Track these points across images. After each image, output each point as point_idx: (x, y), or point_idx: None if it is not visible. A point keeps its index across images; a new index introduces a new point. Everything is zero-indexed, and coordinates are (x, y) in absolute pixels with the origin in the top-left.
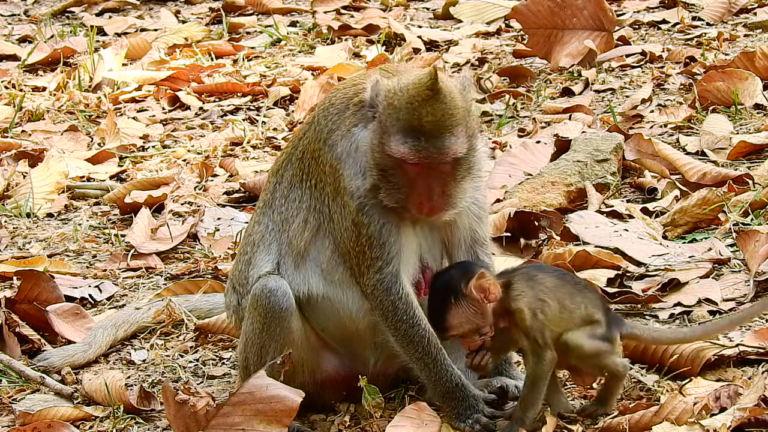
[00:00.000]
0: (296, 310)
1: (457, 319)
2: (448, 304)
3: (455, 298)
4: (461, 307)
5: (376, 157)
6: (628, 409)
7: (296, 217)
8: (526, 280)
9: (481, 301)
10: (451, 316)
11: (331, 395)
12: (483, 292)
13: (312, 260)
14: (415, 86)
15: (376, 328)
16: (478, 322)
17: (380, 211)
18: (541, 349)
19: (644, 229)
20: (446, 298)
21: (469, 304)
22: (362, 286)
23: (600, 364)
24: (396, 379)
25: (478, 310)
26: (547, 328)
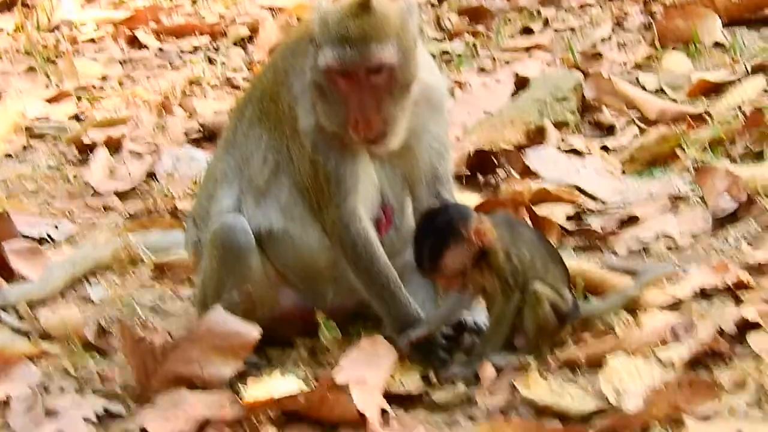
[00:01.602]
0: (255, 247)
1: (451, 261)
2: (446, 245)
3: (454, 240)
4: (457, 250)
5: (314, 79)
6: (584, 340)
7: (256, 156)
8: (506, 227)
9: (476, 244)
10: (446, 258)
11: (289, 330)
12: (480, 236)
13: (272, 197)
14: (348, 2)
15: (336, 264)
16: (466, 265)
17: (336, 148)
18: (511, 291)
19: (603, 166)
20: (444, 239)
21: (465, 247)
22: (322, 222)
23: (541, 334)
24: (354, 314)
25: (470, 253)
26: (518, 272)
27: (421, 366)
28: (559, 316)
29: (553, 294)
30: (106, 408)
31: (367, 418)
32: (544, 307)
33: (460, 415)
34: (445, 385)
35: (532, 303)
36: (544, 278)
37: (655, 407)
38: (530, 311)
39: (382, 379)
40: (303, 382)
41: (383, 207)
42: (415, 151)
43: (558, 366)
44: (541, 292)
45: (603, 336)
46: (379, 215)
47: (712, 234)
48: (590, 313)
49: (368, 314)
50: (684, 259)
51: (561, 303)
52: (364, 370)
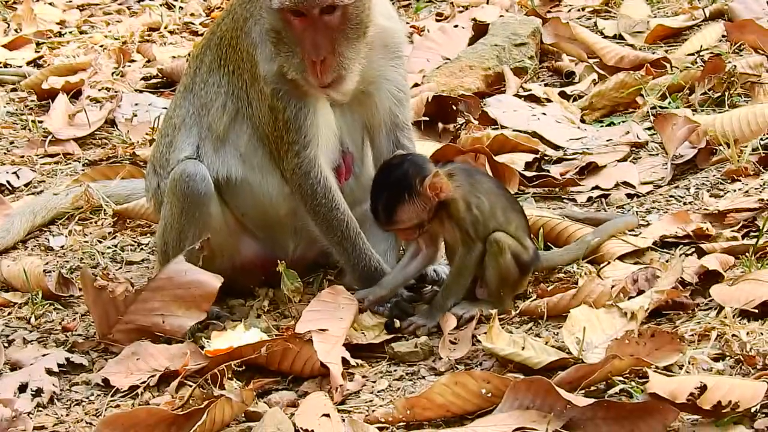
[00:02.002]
0: (215, 195)
1: (407, 215)
2: (400, 199)
3: (408, 194)
4: (413, 204)
5: (270, 23)
6: (546, 292)
7: (215, 102)
8: (465, 176)
9: (432, 198)
10: (401, 212)
11: (251, 280)
12: (435, 190)
13: (231, 144)
14: None
15: (296, 213)
16: (423, 217)
17: (295, 95)
18: (472, 242)
19: (562, 113)
20: (398, 193)
21: (420, 201)
22: (282, 170)
23: (502, 285)
24: (315, 264)
25: (426, 207)
26: (479, 222)
27: (383, 317)
28: (521, 266)
29: (515, 244)
30: (68, 359)
31: (330, 369)
32: (506, 257)
33: (422, 366)
34: (406, 336)
35: (493, 253)
36: (505, 228)
37: (617, 359)
38: (492, 261)
39: (344, 331)
40: (265, 333)
41: (343, 155)
42: (374, 98)
43: (520, 317)
44: (502, 241)
45: (565, 287)
46: (338, 163)
47: (671, 182)
48: (551, 264)
49: (330, 264)
50: (644, 208)
51: (522, 253)
52: (326, 322)
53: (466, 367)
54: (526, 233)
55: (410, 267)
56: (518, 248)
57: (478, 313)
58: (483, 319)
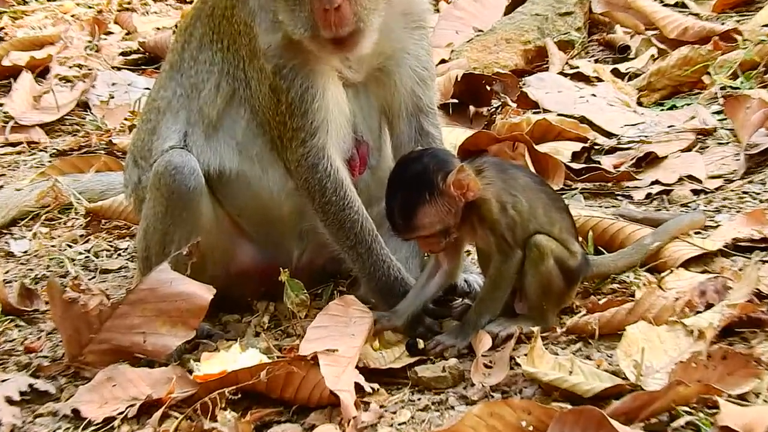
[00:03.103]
0: (206, 190)
1: (428, 219)
2: (420, 200)
3: (430, 194)
4: (435, 206)
5: None
6: (597, 305)
7: (207, 82)
8: (497, 171)
9: (458, 198)
10: (421, 215)
11: (248, 292)
12: (461, 189)
13: (226, 131)
14: None
15: (302, 212)
16: (449, 222)
17: (301, 72)
18: (509, 248)
19: (615, 95)
20: (417, 193)
21: (444, 202)
22: (285, 161)
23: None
24: (324, 273)
25: (451, 209)
26: (517, 225)
27: (405, 336)
28: (567, 274)
29: (559, 248)
30: (32, 385)
31: (341, 397)
32: (549, 264)
33: (451, 394)
34: (432, 358)
35: (533, 259)
36: (548, 230)
37: (682, 386)
38: (532, 269)
39: (356, 350)
40: (265, 354)
41: (356, 144)
42: (394, 77)
43: (567, 336)
44: (544, 246)
45: (619, 300)
46: (352, 154)
47: (745, 176)
48: (603, 272)
49: (342, 273)
50: (713, 206)
51: (568, 259)
52: (335, 340)
53: (503, 395)
54: (572, 236)
55: (428, 287)
56: (563, 253)
57: (516, 331)
58: (523, 338)
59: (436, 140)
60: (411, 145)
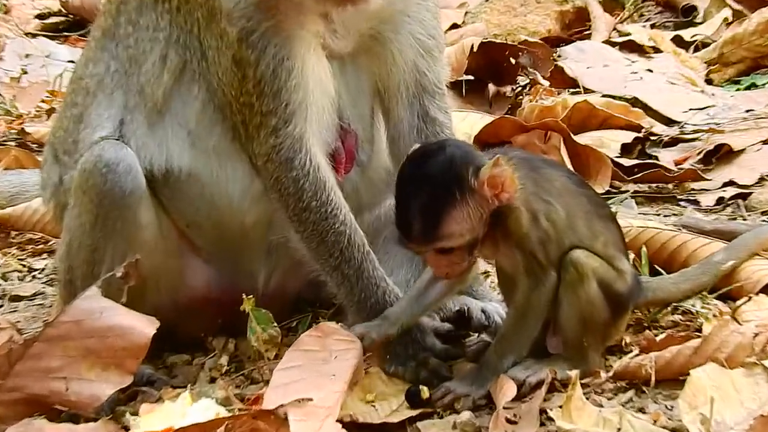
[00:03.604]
0: (148, 194)
1: (458, 225)
2: (449, 200)
3: (461, 192)
4: (466, 208)
5: None
6: (653, 342)
7: (150, 53)
8: (527, 169)
9: (491, 201)
10: (450, 220)
11: (201, 325)
12: (495, 188)
13: (174, 117)
14: None
15: (271, 222)
16: (478, 233)
17: (275, 38)
18: (541, 269)
19: (677, 70)
20: (445, 191)
21: (476, 204)
22: (251, 156)
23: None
24: (299, 300)
25: (483, 214)
26: (551, 240)
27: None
28: (614, 301)
29: (604, 268)
30: None
31: None
32: (590, 288)
33: None
34: (440, 411)
35: (571, 282)
36: (589, 244)
37: None
38: (569, 295)
39: (338, 398)
40: (223, 406)
41: (342, 134)
42: (391, 47)
43: (614, 382)
44: (585, 265)
45: (682, 336)
46: (336, 147)
47: None
48: (661, 298)
49: (322, 301)
50: None
51: (616, 281)
52: (310, 385)
53: None
54: (621, 252)
55: (429, 294)
56: (609, 274)
57: (549, 376)
58: (557, 385)
59: (446, 129)
60: (413, 135)
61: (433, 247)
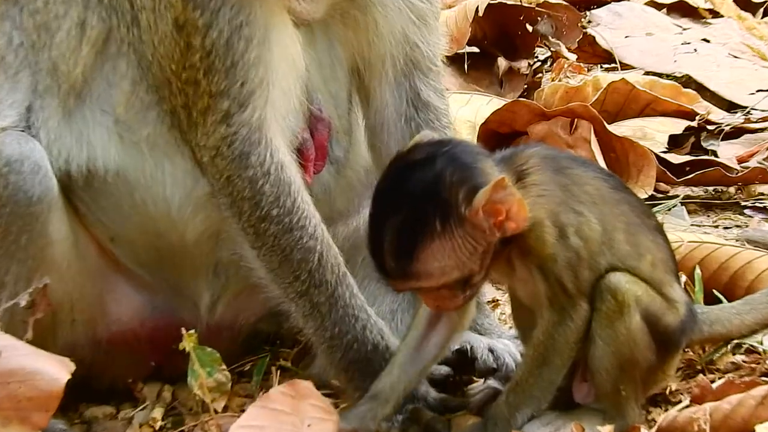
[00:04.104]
0: (61, 202)
1: (440, 262)
2: (428, 232)
3: (443, 223)
4: (451, 241)
5: None
6: (709, 391)
7: (65, 19)
8: (551, 171)
9: (489, 231)
10: (428, 256)
11: (128, 368)
12: (497, 216)
13: (97, 102)
14: None
15: (219, 234)
16: (472, 267)
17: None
18: (568, 300)
19: (742, 39)
20: (424, 220)
21: (466, 237)
22: (194, 149)
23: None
24: (255, 335)
25: (478, 247)
26: (583, 261)
27: None
28: (662, 339)
29: (650, 296)
30: None
31: None
32: (633, 324)
33: None
34: None
35: (608, 316)
36: (632, 266)
37: None
38: (606, 332)
39: None
40: None
41: (312, 122)
42: (373, 12)
43: None
44: (626, 292)
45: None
46: (304, 139)
47: None
48: (721, 334)
49: (284, 337)
50: None
51: (665, 314)
52: None
53: None
54: (672, 275)
55: (426, 350)
56: (657, 304)
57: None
58: None
59: (441, 116)
60: (400, 124)
61: (409, 287)
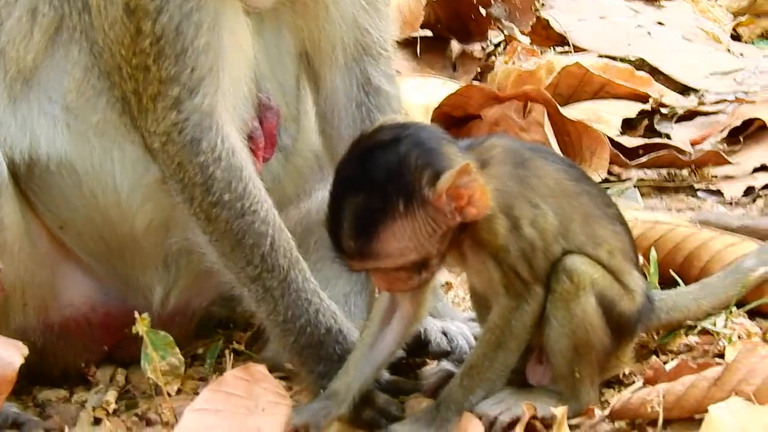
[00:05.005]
0: (11, 188)
1: (399, 243)
2: (389, 213)
3: (406, 205)
4: (412, 223)
5: None
6: (662, 373)
7: (15, 6)
8: (511, 163)
9: (450, 215)
10: (389, 237)
11: (81, 352)
12: (459, 201)
13: (45, 89)
14: None
15: (170, 221)
16: (430, 250)
17: None
18: (523, 286)
19: (696, 23)
20: (385, 201)
21: (427, 219)
22: (145, 135)
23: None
24: (208, 319)
25: (437, 230)
26: (537, 251)
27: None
28: (618, 324)
29: (607, 280)
30: None
31: None
32: (588, 306)
33: None
34: None
35: (565, 297)
36: (589, 251)
37: None
38: (562, 313)
39: None
40: None
41: (262, 110)
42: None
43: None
44: (582, 275)
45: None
46: (253, 127)
47: None
48: (678, 319)
49: (237, 321)
50: None
51: (622, 300)
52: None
53: None
54: (631, 264)
55: (381, 348)
56: (613, 289)
57: (526, 413)
58: (538, 425)
59: (392, 101)
60: (350, 110)
61: (367, 267)
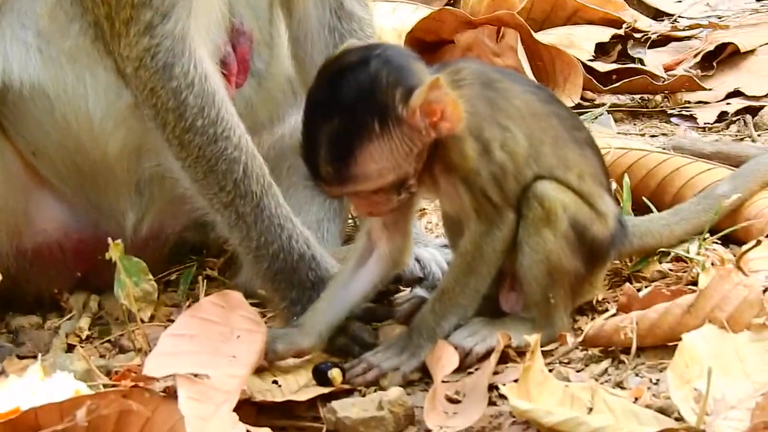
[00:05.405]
0: None
1: (377, 164)
2: (365, 134)
3: (382, 124)
4: (389, 143)
5: None
6: (636, 300)
7: None
8: (480, 86)
9: (425, 131)
10: (366, 158)
11: (54, 279)
12: (432, 117)
13: (17, 15)
14: None
15: (144, 147)
16: (407, 169)
17: None
18: (494, 211)
19: None
20: (361, 121)
21: (403, 137)
22: (117, 61)
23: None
24: (182, 245)
25: (413, 148)
26: (508, 174)
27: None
28: (590, 249)
29: (578, 205)
30: None
31: None
32: (560, 231)
33: None
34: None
35: (536, 223)
36: (561, 177)
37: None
38: (533, 239)
39: (239, 384)
40: (83, 382)
41: (234, 36)
42: None
43: (584, 350)
44: (553, 200)
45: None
46: (226, 52)
47: None
48: (651, 245)
49: (210, 247)
50: None
51: (594, 224)
52: (204, 359)
53: None
54: (602, 188)
55: (358, 282)
56: (585, 214)
57: (501, 342)
58: (512, 353)
59: (365, 26)
60: (323, 35)
61: (346, 191)
